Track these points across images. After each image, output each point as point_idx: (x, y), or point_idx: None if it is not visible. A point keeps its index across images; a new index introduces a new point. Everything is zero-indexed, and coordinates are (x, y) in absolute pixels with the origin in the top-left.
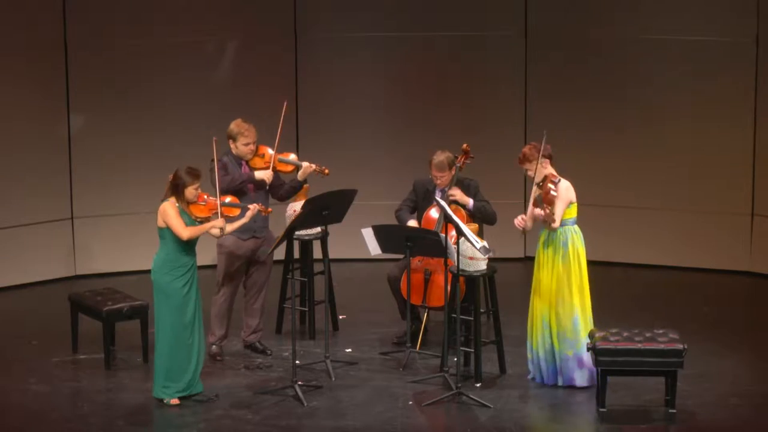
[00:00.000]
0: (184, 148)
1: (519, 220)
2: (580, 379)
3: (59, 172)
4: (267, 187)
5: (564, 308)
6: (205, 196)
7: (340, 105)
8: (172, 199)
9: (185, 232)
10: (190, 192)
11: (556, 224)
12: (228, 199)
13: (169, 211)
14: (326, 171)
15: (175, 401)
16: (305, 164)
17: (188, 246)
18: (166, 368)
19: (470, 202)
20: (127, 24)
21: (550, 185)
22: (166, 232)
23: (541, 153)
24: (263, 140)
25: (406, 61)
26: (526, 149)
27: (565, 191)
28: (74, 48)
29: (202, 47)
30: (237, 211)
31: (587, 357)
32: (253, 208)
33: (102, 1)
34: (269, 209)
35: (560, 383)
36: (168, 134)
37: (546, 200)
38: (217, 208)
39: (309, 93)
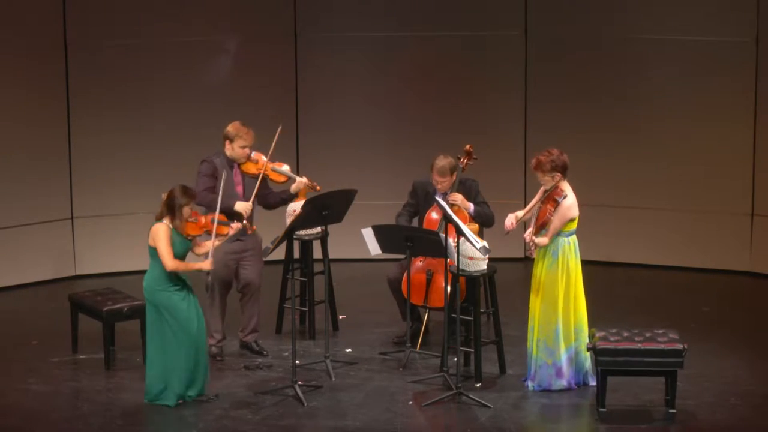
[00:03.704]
0: (184, 148)
1: (509, 224)
2: (557, 386)
3: (59, 172)
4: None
5: (547, 317)
6: (198, 215)
7: (340, 105)
8: (167, 221)
9: (171, 264)
10: (185, 211)
11: (544, 241)
12: (217, 217)
13: (161, 234)
14: (318, 187)
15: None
16: (300, 179)
17: None
18: (181, 373)
19: (471, 207)
20: (126, 24)
21: (550, 207)
22: (157, 252)
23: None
24: (260, 141)
25: (406, 61)
26: (542, 157)
27: (566, 209)
28: (74, 48)
29: (202, 47)
30: (227, 230)
31: (566, 367)
32: (236, 227)
33: (102, 1)
34: (254, 227)
35: (530, 388)
36: (168, 134)
37: (540, 217)
38: (208, 227)
39: (309, 92)
